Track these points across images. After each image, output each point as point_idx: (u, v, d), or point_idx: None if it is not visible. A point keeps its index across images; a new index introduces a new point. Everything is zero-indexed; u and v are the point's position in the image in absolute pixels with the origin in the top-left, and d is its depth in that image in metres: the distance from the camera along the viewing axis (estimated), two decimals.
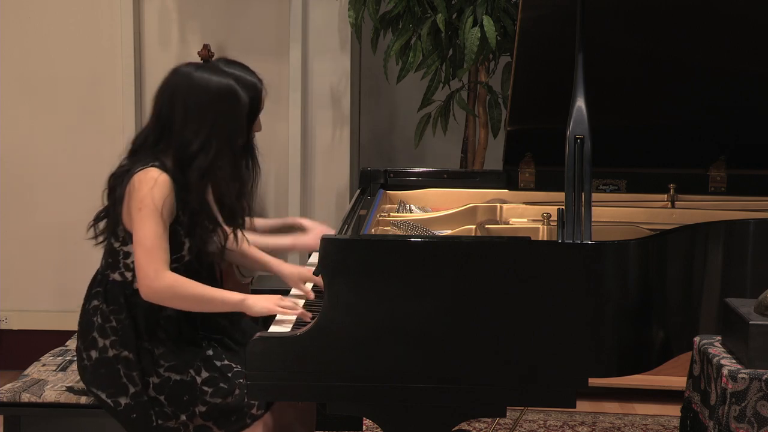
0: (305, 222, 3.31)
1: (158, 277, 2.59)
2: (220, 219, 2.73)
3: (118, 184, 2.65)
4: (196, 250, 2.71)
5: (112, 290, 2.69)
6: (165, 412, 2.64)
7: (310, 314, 2.69)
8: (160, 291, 2.60)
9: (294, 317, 2.75)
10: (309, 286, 2.89)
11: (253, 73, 3.07)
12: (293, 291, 2.95)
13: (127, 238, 2.65)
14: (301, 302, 2.79)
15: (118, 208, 2.64)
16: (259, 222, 3.27)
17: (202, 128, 2.62)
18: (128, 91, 4.47)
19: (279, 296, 2.74)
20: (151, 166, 2.61)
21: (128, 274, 2.68)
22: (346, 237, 2.69)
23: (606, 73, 3.19)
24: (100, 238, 2.73)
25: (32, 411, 2.76)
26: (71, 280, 2.91)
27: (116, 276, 2.69)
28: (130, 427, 2.65)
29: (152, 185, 2.57)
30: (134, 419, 2.64)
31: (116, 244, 2.68)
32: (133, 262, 2.65)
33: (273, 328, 2.69)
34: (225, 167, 2.66)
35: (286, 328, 2.68)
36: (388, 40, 4.26)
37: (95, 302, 2.70)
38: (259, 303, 2.68)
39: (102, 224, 2.72)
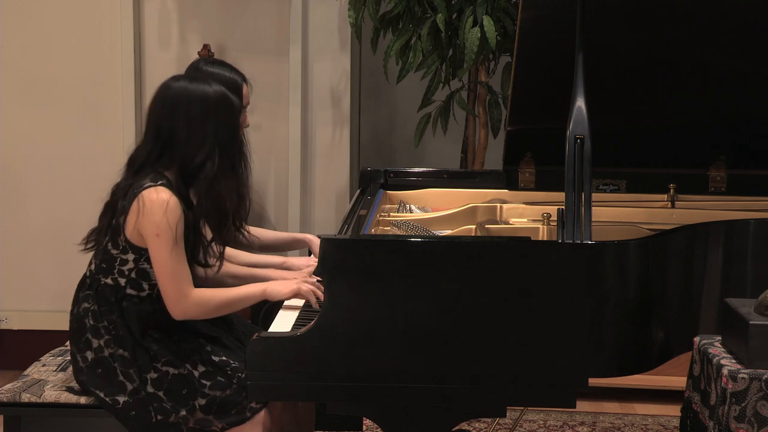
0: (312, 240, 3.25)
1: (185, 298, 2.63)
2: (211, 236, 2.74)
3: (120, 196, 2.66)
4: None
5: (103, 293, 2.69)
6: (164, 408, 2.64)
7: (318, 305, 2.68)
8: (189, 311, 2.65)
9: (295, 316, 2.75)
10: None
11: (234, 69, 3.07)
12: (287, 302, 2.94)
13: (128, 248, 2.65)
14: (319, 293, 2.78)
15: (119, 218, 2.64)
16: (263, 234, 3.25)
17: (205, 139, 2.64)
18: (128, 91, 4.47)
19: (296, 281, 2.79)
20: (160, 184, 2.61)
21: (121, 280, 2.68)
22: (346, 237, 2.69)
23: (606, 73, 3.19)
24: (90, 244, 2.74)
25: (32, 411, 2.76)
26: (71, 281, 2.89)
27: (108, 281, 2.69)
28: (130, 424, 2.65)
29: (165, 209, 2.58)
30: (134, 416, 2.64)
31: (114, 251, 2.68)
32: (128, 269, 2.66)
33: (273, 328, 2.69)
34: (229, 175, 2.68)
35: (286, 328, 2.68)
36: (388, 40, 4.26)
37: (85, 305, 2.70)
38: (276, 289, 2.75)
39: (93, 235, 2.73)
